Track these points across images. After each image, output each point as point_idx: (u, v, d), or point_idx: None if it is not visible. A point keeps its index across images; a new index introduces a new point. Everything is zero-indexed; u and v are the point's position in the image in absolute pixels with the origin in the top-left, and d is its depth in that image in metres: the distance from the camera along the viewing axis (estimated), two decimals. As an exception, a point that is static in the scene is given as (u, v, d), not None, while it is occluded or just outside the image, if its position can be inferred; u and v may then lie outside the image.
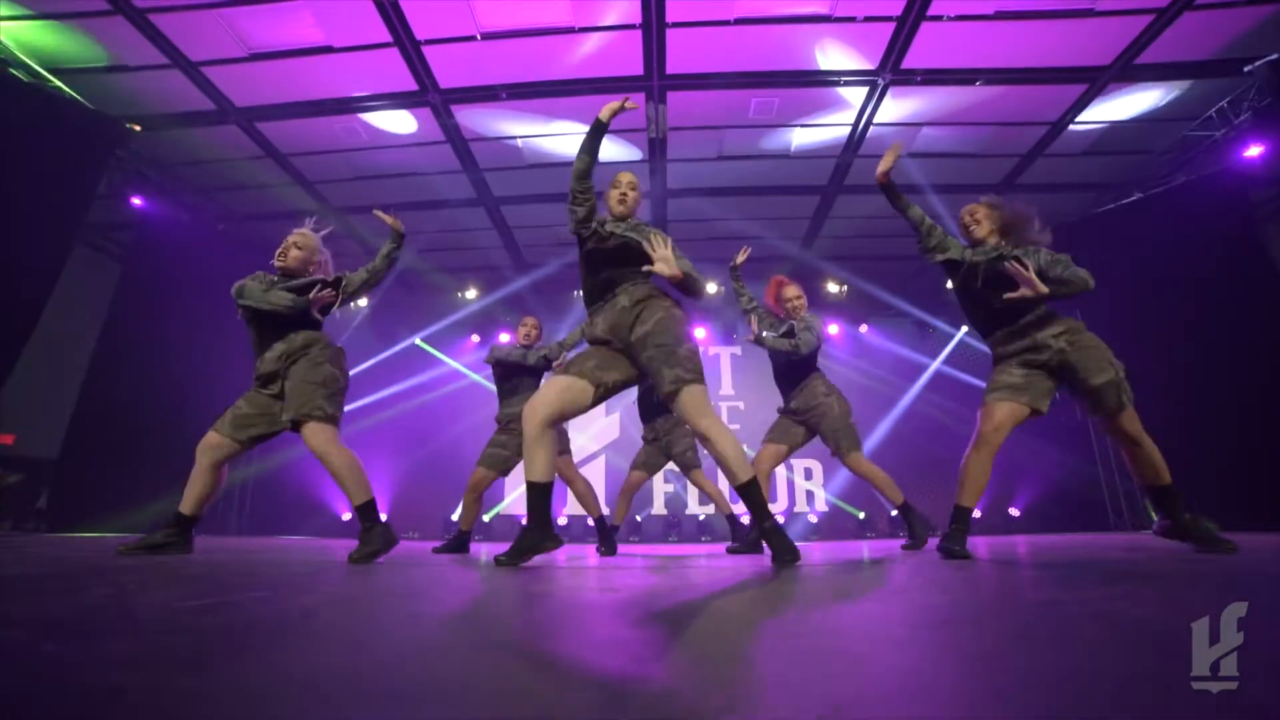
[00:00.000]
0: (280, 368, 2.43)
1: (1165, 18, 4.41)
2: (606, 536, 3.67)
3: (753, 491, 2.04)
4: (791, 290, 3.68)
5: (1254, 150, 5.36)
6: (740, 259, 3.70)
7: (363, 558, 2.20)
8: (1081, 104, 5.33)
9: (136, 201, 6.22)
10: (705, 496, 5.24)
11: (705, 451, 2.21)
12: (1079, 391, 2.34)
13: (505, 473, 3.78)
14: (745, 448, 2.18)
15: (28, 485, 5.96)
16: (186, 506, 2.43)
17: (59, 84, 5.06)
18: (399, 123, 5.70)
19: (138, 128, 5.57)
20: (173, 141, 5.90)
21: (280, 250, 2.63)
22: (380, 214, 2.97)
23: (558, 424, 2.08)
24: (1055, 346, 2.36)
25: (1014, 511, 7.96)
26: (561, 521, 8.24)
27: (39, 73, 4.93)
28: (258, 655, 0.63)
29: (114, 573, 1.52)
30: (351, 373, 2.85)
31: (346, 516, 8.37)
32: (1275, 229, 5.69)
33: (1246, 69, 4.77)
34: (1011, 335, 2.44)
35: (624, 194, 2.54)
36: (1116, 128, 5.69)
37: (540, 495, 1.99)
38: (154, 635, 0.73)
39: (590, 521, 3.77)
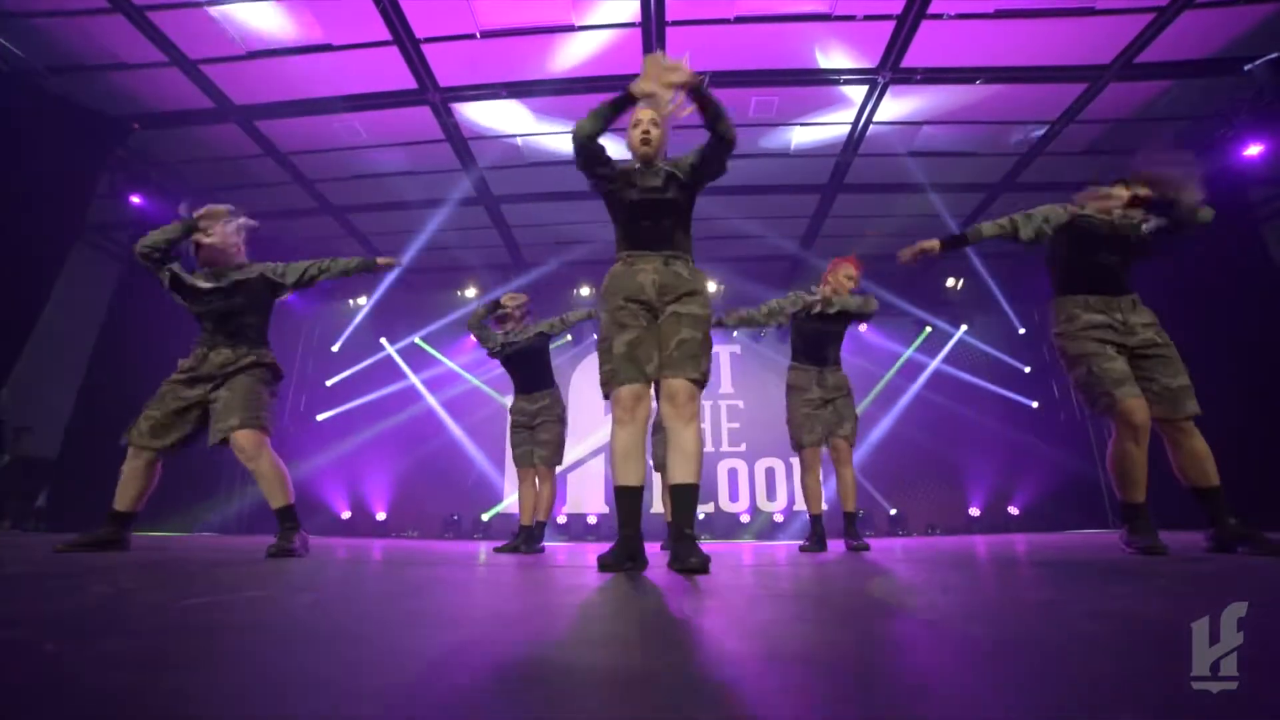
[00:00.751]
0: (219, 375, 2.49)
1: (1165, 16, 4.40)
2: (532, 537, 3.59)
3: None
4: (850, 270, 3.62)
5: (1254, 149, 5.35)
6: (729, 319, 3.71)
7: (279, 551, 2.28)
8: (1082, 102, 5.33)
9: (136, 200, 6.22)
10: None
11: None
12: (1152, 390, 2.27)
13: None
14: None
15: (28, 485, 5.96)
16: (121, 504, 2.46)
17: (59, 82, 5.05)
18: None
19: (137, 126, 5.56)
20: (172, 140, 5.90)
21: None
22: (383, 260, 3.07)
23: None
24: (1145, 337, 2.33)
25: (1013, 510, 7.97)
26: (561, 520, 8.24)
27: (39, 70, 4.92)
28: (254, 654, 0.63)
29: (111, 572, 1.52)
30: (351, 372, 2.87)
31: (346, 515, 8.38)
32: (1275, 228, 5.68)
33: (1247, 68, 4.76)
34: (1108, 306, 2.37)
35: (646, 132, 2.09)
36: (1117, 126, 5.69)
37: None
38: (151, 634, 0.73)
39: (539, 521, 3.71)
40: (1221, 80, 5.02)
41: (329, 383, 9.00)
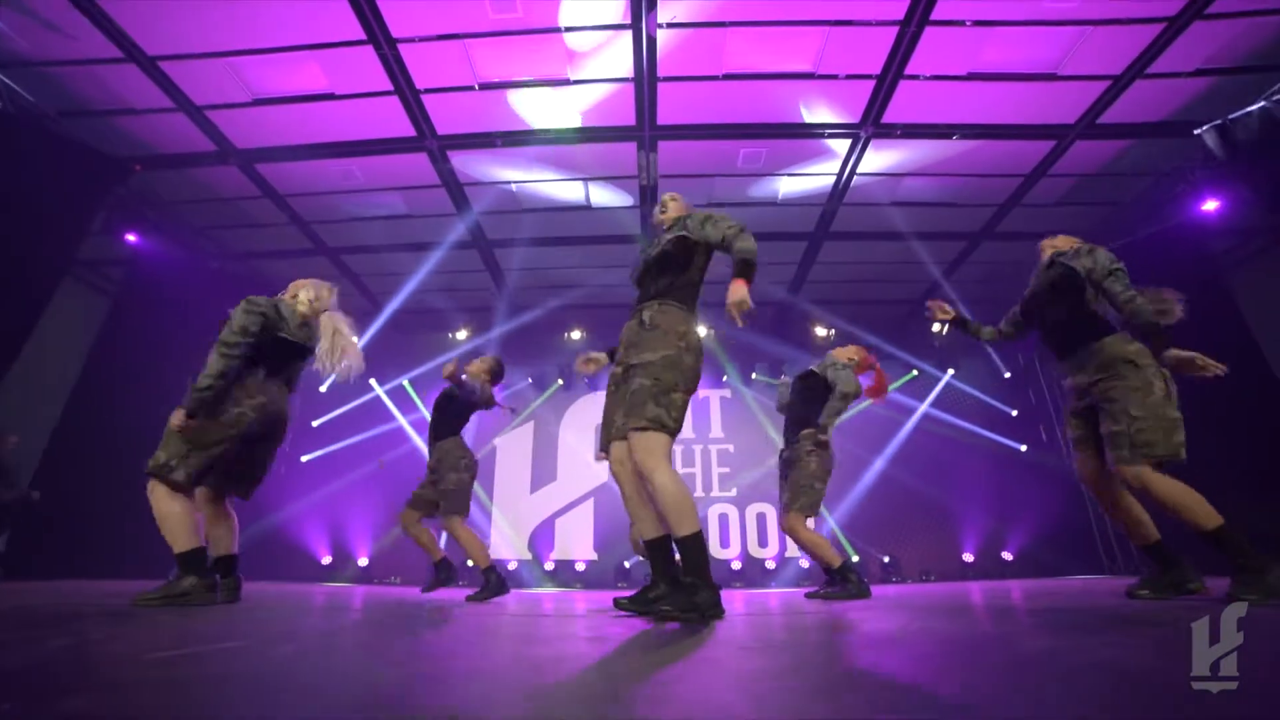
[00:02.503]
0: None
1: (1121, 83, 4.73)
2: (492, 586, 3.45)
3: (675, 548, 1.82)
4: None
5: (1210, 205, 5.67)
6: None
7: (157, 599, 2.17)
8: (1052, 158, 5.60)
9: (131, 238, 6.25)
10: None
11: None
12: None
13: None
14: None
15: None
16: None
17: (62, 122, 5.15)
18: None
19: (139, 167, 5.65)
20: (172, 180, 5.99)
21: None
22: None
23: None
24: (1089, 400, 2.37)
25: (1007, 555, 7.87)
26: (549, 566, 8.03)
27: (48, 114, 5.02)
28: (232, 711, 0.61)
29: (74, 621, 1.45)
30: (338, 413, 2.85)
31: (327, 560, 8.10)
32: (1239, 276, 5.92)
33: (1196, 131, 5.09)
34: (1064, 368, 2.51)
35: (663, 206, 2.41)
36: (1086, 180, 5.96)
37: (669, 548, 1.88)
38: (119, 690, 0.70)
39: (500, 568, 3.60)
40: (1176, 141, 5.33)
41: (315, 423, 8.86)
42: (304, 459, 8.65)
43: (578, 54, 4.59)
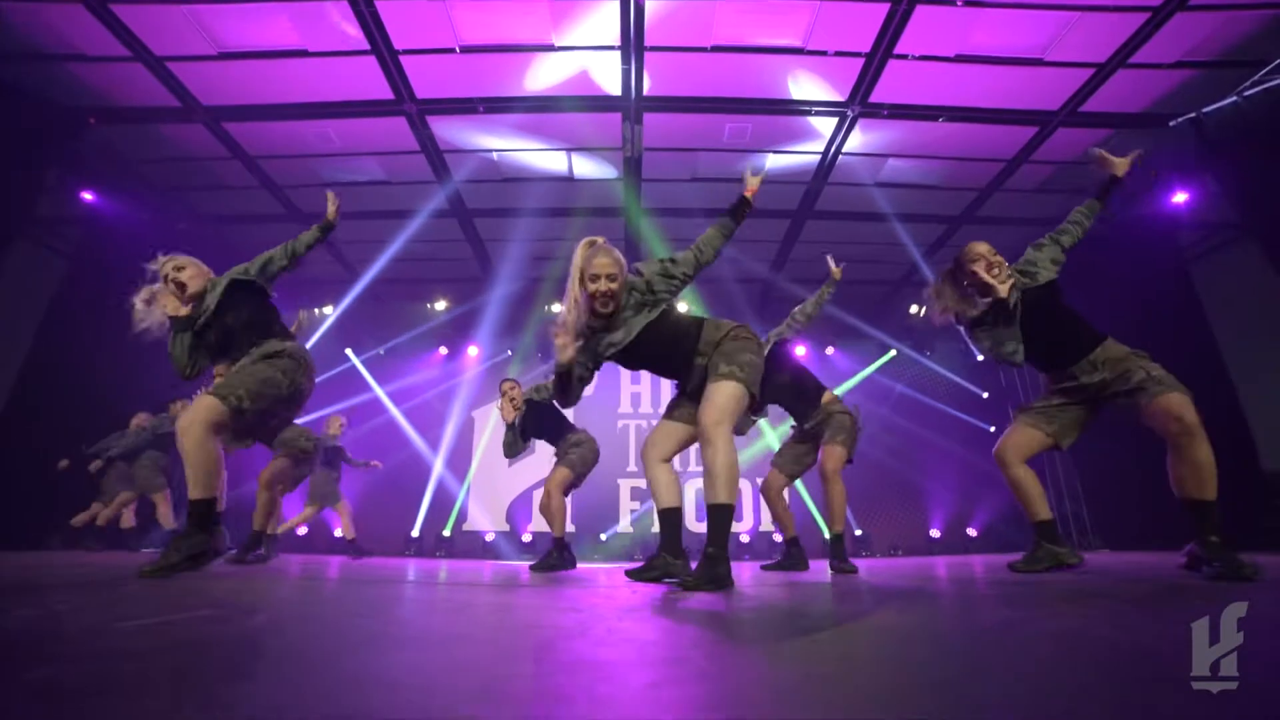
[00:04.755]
0: None
1: (1103, 73, 4.77)
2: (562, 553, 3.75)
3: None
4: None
5: (1180, 197, 5.83)
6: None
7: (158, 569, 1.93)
8: (1034, 144, 5.65)
9: (88, 197, 5.95)
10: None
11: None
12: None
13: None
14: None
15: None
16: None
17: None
18: (373, 130, 5.59)
19: (93, 120, 5.35)
20: (132, 137, 5.69)
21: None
22: (330, 196, 3.06)
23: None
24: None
25: (972, 532, 8.18)
26: (489, 539, 8.14)
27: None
28: (204, 679, 0.60)
29: (38, 592, 1.43)
30: (319, 379, 2.79)
31: (303, 530, 8.04)
32: (1201, 269, 6.12)
33: (1171, 124, 5.18)
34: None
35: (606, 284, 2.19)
36: (1064, 168, 6.04)
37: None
38: (89, 659, 0.69)
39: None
40: (1152, 132, 5.42)
41: (288, 393, 8.69)
42: (277, 429, 8.50)
43: (563, 19, 4.44)
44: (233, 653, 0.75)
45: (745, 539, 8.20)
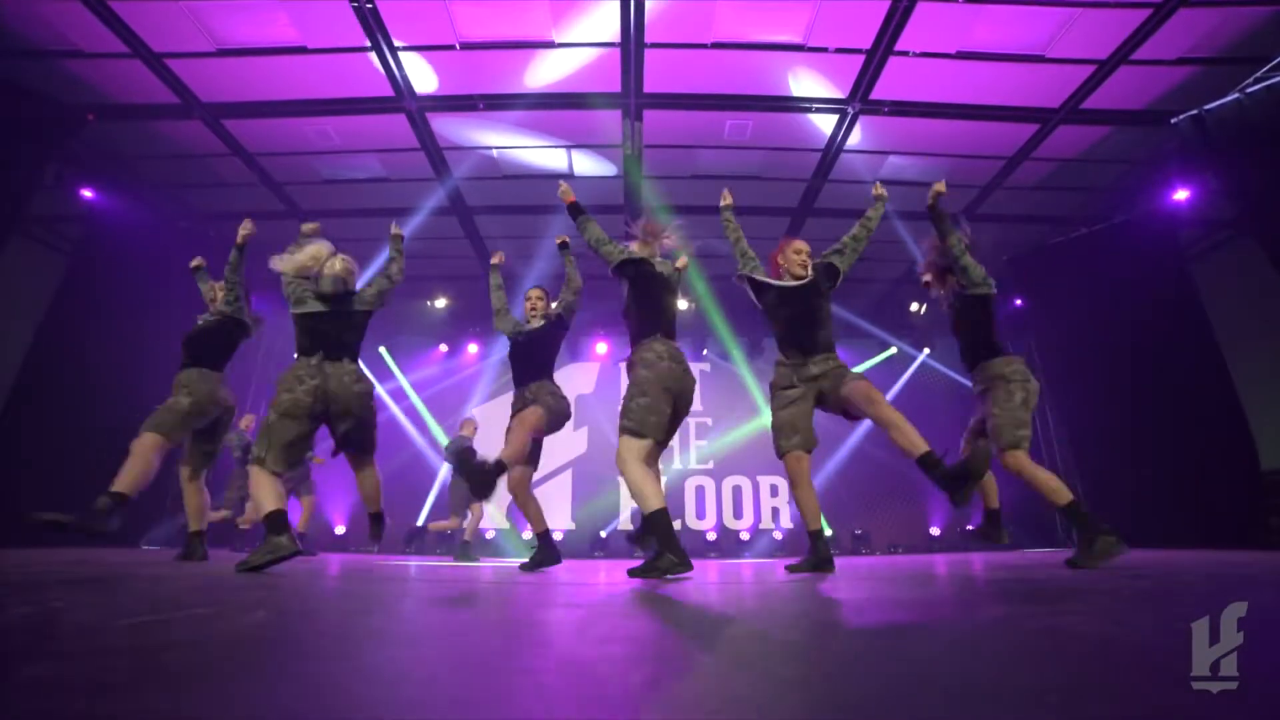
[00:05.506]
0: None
1: (1105, 69, 4.76)
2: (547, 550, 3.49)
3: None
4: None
5: (1181, 194, 5.82)
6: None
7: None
8: (1034, 141, 5.64)
9: (87, 194, 5.94)
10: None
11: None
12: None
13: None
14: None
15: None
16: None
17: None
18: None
19: (92, 116, 5.33)
20: (131, 133, 5.68)
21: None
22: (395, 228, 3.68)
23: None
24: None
25: (971, 529, 8.18)
26: (490, 536, 8.14)
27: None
28: (201, 676, 0.60)
29: (36, 589, 1.43)
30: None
31: (302, 529, 8.04)
32: (1202, 268, 6.11)
33: (1173, 121, 5.17)
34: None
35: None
36: (1064, 165, 6.03)
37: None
38: (85, 657, 0.69)
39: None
40: (1152, 130, 5.41)
41: (288, 390, 8.69)
42: (277, 427, 8.50)
43: (563, 16, 4.43)
44: (231, 651, 0.75)
45: (745, 537, 8.20)
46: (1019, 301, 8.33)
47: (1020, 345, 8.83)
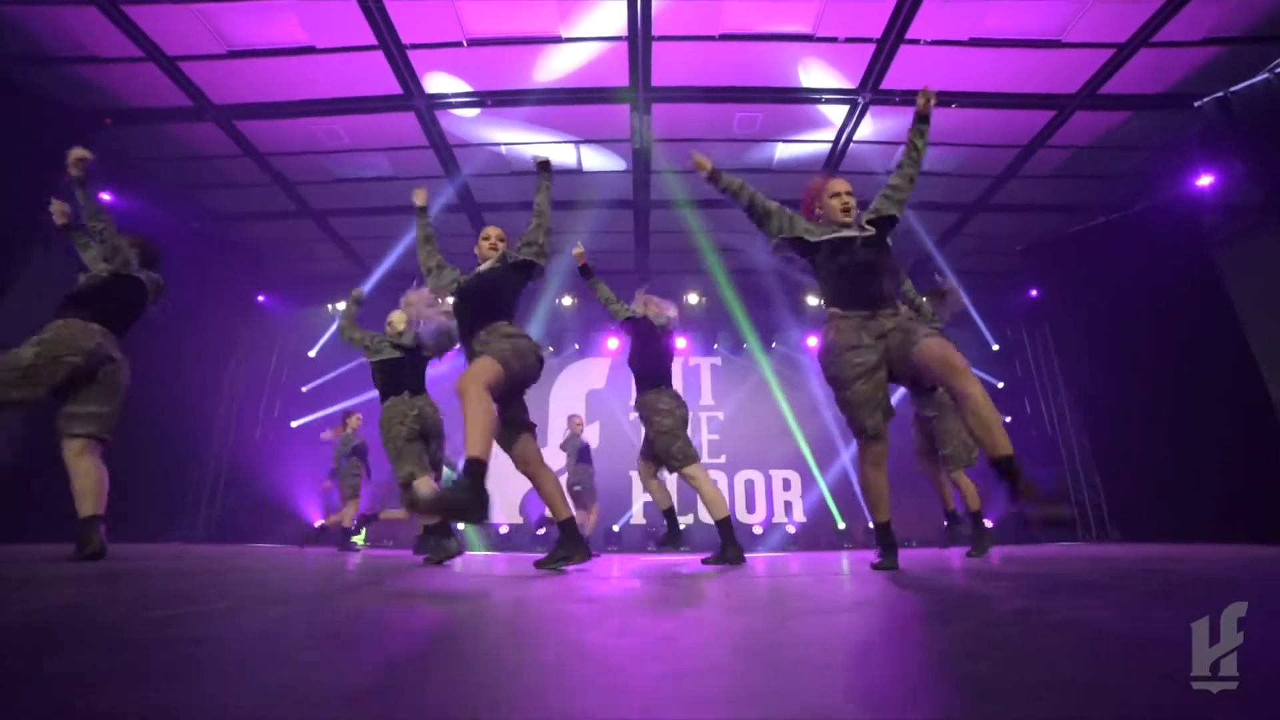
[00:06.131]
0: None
1: (1125, 52, 4.64)
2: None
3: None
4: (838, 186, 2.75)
5: (1205, 180, 5.68)
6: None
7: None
8: (1051, 128, 5.53)
9: (105, 197, 6.05)
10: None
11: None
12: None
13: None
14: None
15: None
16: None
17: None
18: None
19: (109, 121, 5.41)
20: (146, 136, 5.76)
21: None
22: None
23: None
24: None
25: (988, 523, 8.08)
26: (503, 531, 8.18)
27: (2, 57, 4.76)
28: (224, 668, 0.61)
29: (63, 583, 1.46)
30: (329, 377, 2.85)
31: (320, 523, 8.17)
32: (1225, 254, 5.97)
33: (1196, 104, 5.04)
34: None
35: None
36: (1081, 152, 5.91)
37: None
38: (114, 647, 0.70)
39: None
40: (1175, 114, 5.28)
41: (305, 388, 8.80)
42: (294, 424, 8.62)
43: (570, 11, 4.41)
44: (251, 644, 0.76)
45: (758, 530, 8.19)
46: (1034, 292, 8.21)
47: (1035, 336, 8.72)
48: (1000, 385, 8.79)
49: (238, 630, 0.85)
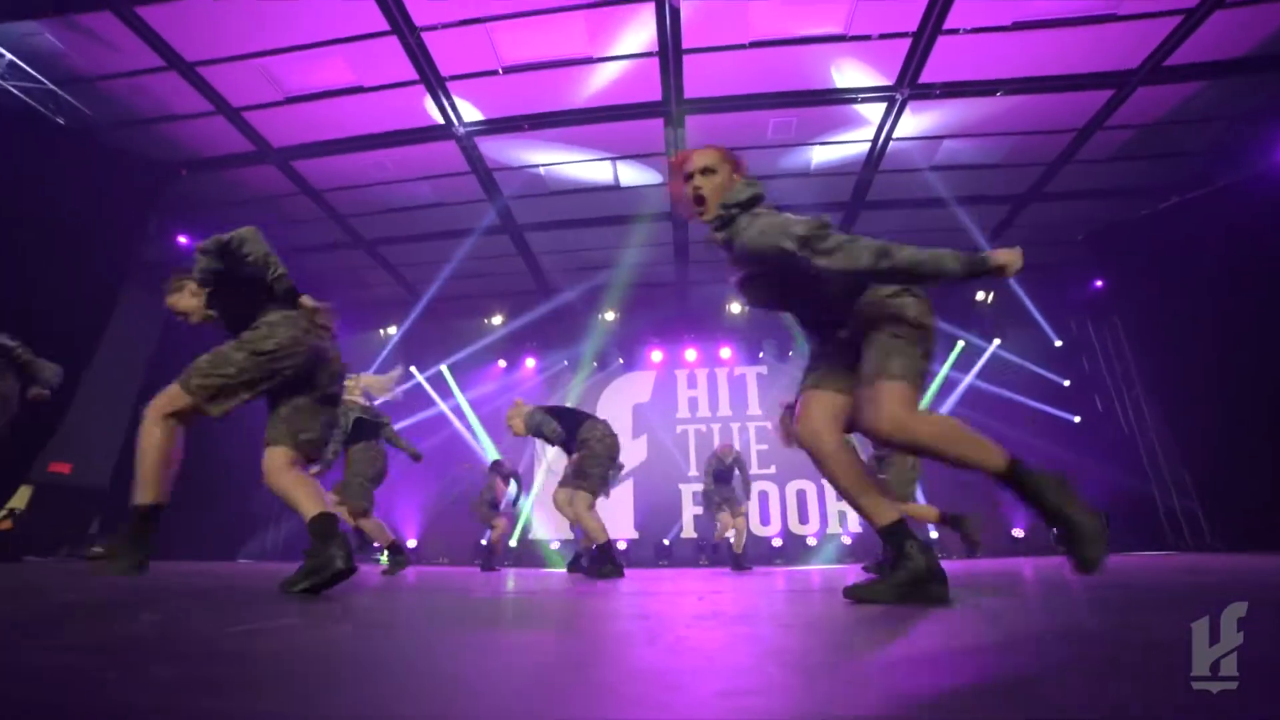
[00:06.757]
0: None
1: (1195, 18, 4.31)
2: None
3: None
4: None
5: (1295, 150, 5.19)
6: None
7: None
8: (1109, 108, 5.23)
9: (183, 240, 6.57)
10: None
11: None
12: None
13: None
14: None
15: (82, 514, 6.21)
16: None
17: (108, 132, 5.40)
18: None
19: (184, 171, 5.90)
20: (216, 182, 6.23)
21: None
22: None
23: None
24: None
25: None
26: (554, 547, 8.17)
27: (102, 125, 5.28)
28: (294, 681, 0.64)
29: (164, 599, 1.56)
30: (381, 401, 2.95)
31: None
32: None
33: (1283, 66, 4.64)
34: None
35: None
36: (1146, 131, 5.56)
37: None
38: (201, 660, 0.75)
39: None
40: (1256, 79, 4.88)
41: (361, 411, 9.19)
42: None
43: (600, 32, 4.51)
44: (324, 659, 0.79)
45: (812, 542, 7.96)
46: (1099, 283, 7.73)
47: (1103, 329, 8.18)
48: (1066, 383, 8.29)
49: (311, 645, 0.89)
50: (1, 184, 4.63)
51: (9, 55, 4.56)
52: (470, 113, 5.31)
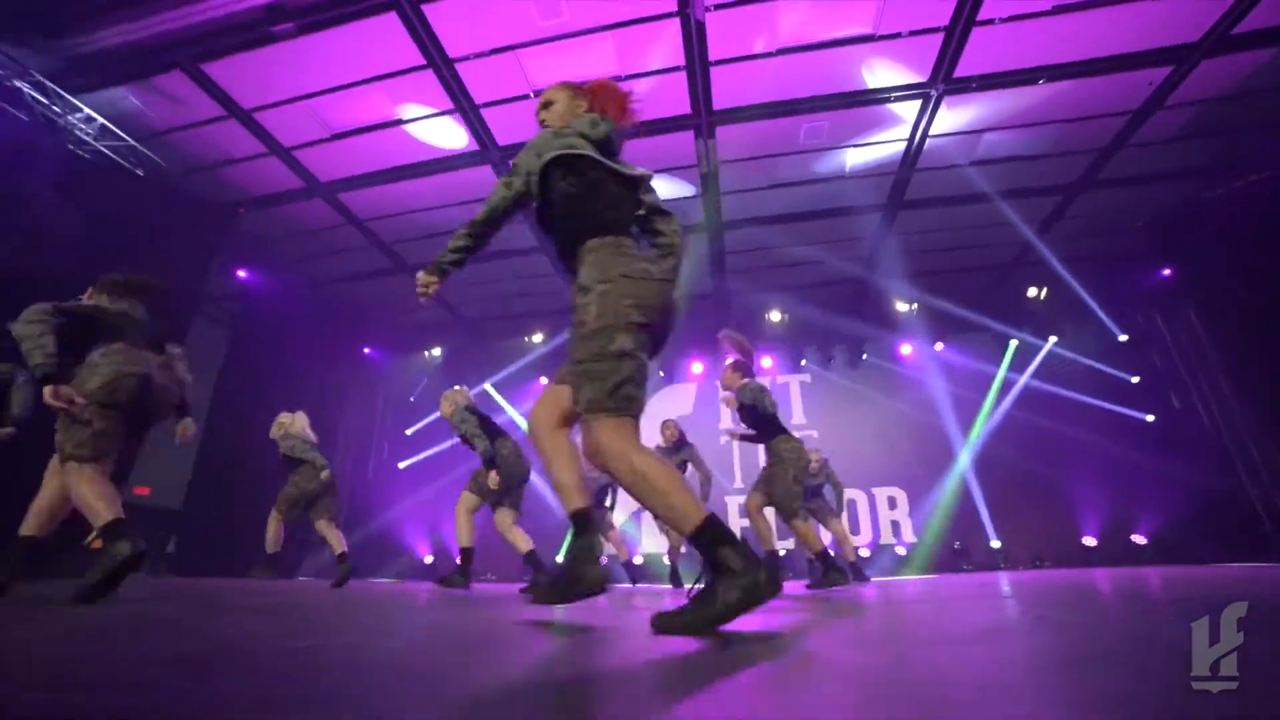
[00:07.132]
0: None
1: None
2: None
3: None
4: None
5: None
6: None
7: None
8: (1168, 87, 4.92)
9: (242, 274, 6.99)
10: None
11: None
12: None
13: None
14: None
15: (159, 533, 6.60)
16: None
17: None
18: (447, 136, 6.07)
19: (241, 210, 6.30)
20: (269, 218, 6.61)
21: None
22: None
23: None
24: None
25: (1139, 539, 7.07)
26: (637, 560, 8.12)
27: (176, 174, 5.72)
28: (353, 696, 0.65)
29: (235, 614, 1.63)
30: (429, 420, 3.04)
31: (429, 559, 8.65)
32: None
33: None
34: None
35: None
36: (1209, 106, 5.21)
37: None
38: (264, 673, 0.77)
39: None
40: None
41: (409, 431, 9.48)
42: (401, 465, 9.28)
43: (628, 49, 4.59)
44: (379, 673, 0.81)
45: (865, 553, 7.67)
46: (1166, 271, 7.25)
47: (1175, 320, 7.65)
48: (1135, 380, 7.78)
49: (366, 660, 0.91)
50: (100, 233, 5.10)
51: (100, 119, 5.02)
52: (505, 136, 5.47)
